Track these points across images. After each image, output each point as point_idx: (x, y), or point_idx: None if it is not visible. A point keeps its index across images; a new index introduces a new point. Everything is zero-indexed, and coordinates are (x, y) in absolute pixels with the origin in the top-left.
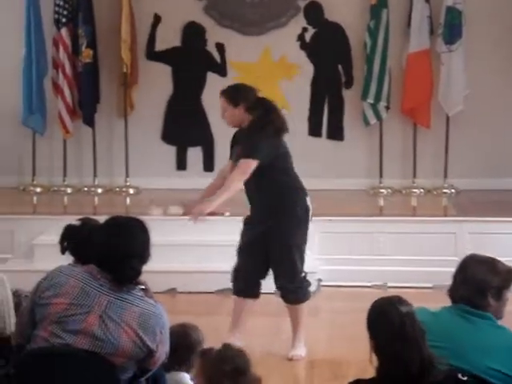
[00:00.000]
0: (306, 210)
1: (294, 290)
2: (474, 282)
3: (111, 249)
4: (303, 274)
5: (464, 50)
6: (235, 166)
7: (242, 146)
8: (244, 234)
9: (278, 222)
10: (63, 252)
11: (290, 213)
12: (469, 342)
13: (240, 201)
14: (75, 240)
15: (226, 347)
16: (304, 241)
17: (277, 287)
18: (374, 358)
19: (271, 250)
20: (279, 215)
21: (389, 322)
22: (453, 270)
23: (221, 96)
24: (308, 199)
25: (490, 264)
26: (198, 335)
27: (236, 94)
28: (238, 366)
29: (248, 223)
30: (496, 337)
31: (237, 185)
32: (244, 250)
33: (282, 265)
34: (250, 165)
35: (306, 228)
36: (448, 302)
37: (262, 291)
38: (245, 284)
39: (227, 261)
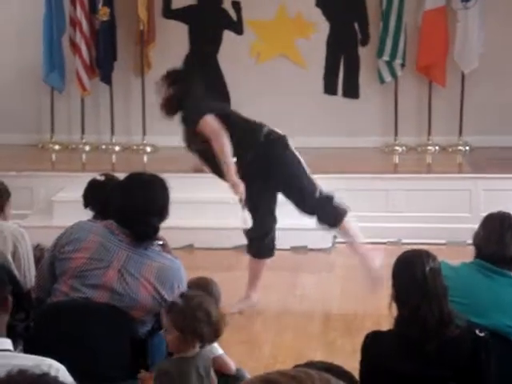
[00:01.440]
0: (280, 138)
1: (322, 212)
2: (500, 243)
3: (131, 206)
4: (317, 194)
5: (480, 7)
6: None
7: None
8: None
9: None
10: (86, 206)
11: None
12: (488, 298)
13: None
14: (98, 195)
15: (190, 296)
16: (299, 164)
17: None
18: (391, 310)
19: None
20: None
21: (412, 273)
22: (467, 226)
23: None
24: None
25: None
26: (215, 289)
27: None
28: (207, 309)
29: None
30: None
31: (220, 142)
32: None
33: (295, 192)
34: (207, 122)
35: (292, 152)
36: (462, 259)
37: (278, 247)
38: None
39: None
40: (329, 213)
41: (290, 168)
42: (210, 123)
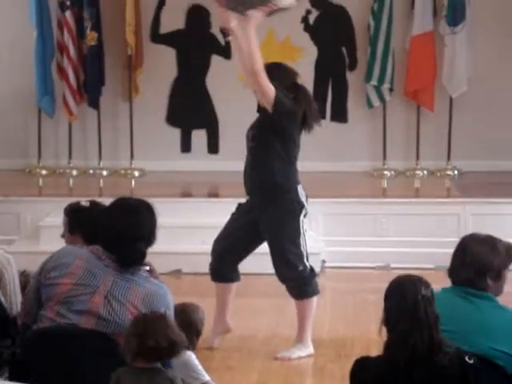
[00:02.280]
0: (298, 202)
1: (293, 285)
2: (474, 263)
3: (118, 231)
4: (301, 268)
5: (467, 32)
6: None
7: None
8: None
9: (267, 211)
10: (71, 231)
11: (280, 203)
12: (470, 323)
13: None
14: (84, 220)
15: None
16: (298, 234)
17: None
18: (381, 335)
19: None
20: (269, 202)
21: (403, 298)
22: None
23: None
24: (300, 189)
25: (490, 244)
26: (199, 314)
27: (272, 71)
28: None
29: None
30: (498, 317)
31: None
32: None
33: (276, 258)
34: (269, 86)
35: (298, 221)
36: (450, 283)
37: (268, 272)
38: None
39: None
40: (298, 287)
41: (286, 232)
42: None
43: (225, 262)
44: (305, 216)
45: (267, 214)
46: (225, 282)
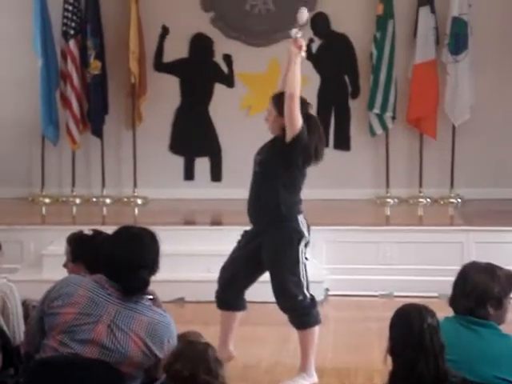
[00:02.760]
0: (298, 232)
1: (293, 314)
2: (474, 292)
3: (121, 259)
4: (300, 298)
5: (470, 60)
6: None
7: (277, 143)
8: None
9: (267, 240)
10: (74, 260)
11: (279, 231)
12: (474, 352)
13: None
14: (87, 249)
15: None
16: (297, 263)
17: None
18: (386, 364)
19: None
20: (271, 229)
21: (409, 327)
22: None
23: (270, 99)
24: (301, 218)
25: (490, 273)
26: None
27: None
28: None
29: (245, 236)
30: (501, 345)
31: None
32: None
33: (275, 287)
34: (299, 115)
35: (297, 250)
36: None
37: (271, 300)
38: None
39: None
40: (298, 317)
41: (285, 261)
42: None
43: (230, 289)
44: (306, 246)
45: (267, 243)
46: (229, 310)
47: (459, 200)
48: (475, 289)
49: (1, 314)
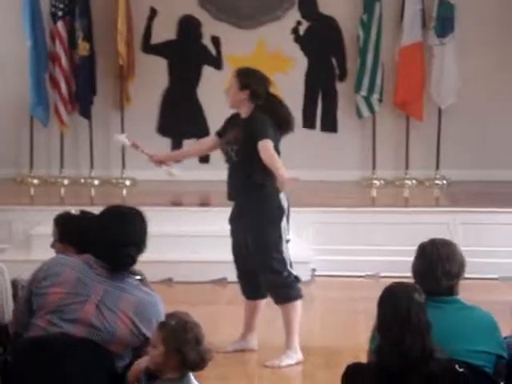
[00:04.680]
0: (279, 207)
1: (278, 290)
2: (432, 278)
3: (108, 237)
4: (285, 274)
5: (456, 43)
6: (223, 144)
7: (246, 130)
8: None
9: (251, 219)
10: (61, 240)
11: (261, 211)
12: (443, 329)
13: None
14: (75, 229)
15: (184, 319)
16: (280, 240)
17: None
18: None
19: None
20: (253, 205)
21: (396, 305)
22: None
23: (233, 72)
24: (282, 196)
25: (448, 249)
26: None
27: (247, 77)
28: (197, 335)
29: (231, 221)
30: (467, 318)
31: (276, 160)
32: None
33: (260, 264)
34: (270, 144)
35: (280, 228)
36: None
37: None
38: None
39: (222, 251)
40: (282, 291)
41: (269, 240)
42: (270, 148)
43: (244, 280)
44: (288, 220)
45: (251, 225)
46: (248, 300)
47: (445, 181)
48: (436, 266)
49: None
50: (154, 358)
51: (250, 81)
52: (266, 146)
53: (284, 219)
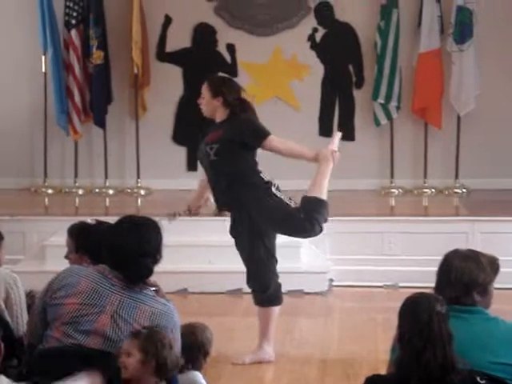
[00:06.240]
0: (266, 183)
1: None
2: (460, 281)
3: (124, 247)
4: (302, 215)
5: (475, 49)
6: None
7: (228, 128)
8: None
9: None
10: (77, 251)
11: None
12: (465, 340)
13: None
14: (91, 239)
15: (155, 329)
16: (282, 203)
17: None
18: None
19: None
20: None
21: (417, 315)
22: None
23: (205, 82)
24: (262, 173)
25: (474, 260)
26: (207, 334)
27: (218, 86)
28: (170, 340)
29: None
30: (492, 330)
31: (293, 147)
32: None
33: (247, 263)
34: (275, 137)
35: (273, 193)
36: None
37: None
38: None
39: (238, 261)
40: (266, 294)
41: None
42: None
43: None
44: (278, 189)
45: (252, 212)
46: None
47: (464, 190)
48: (461, 277)
49: (4, 304)
50: (130, 367)
51: (222, 88)
52: (274, 140)
53: (273, 188)
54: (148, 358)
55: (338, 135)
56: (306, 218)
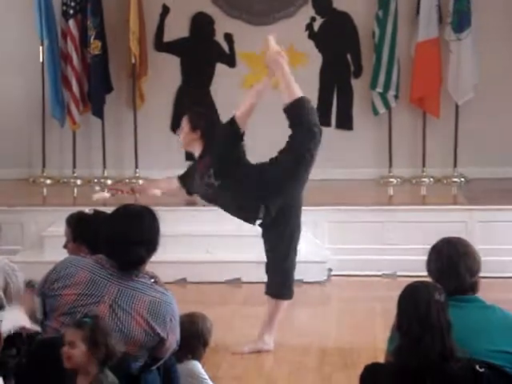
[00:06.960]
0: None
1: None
2: (456, 276)
3: (118, 234)
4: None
5: (473, 38)
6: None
7: (213, 151)
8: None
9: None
10: (74, 240)
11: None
12: (463, 329)
13: None
14: (88, 229)
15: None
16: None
17: None
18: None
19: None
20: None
21: (416, 303)
22: None
23: (185, 116)
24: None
25: (466, 249)
26: (207, 323)
27: (198, 119)
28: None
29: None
30: (488, 318)
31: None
32: None
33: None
34: (237, 111)
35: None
36: None
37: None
38: None
39: (237, 251)
40: (277, 284)
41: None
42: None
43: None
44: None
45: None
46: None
47: (462, 179)
48: (452, 269)
49: (3, 294)
50: (75, 358)
51: (201, 122)
52: (239, 112)
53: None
54: (96, 349)
55: (270, 38)
56: (307, 129)
